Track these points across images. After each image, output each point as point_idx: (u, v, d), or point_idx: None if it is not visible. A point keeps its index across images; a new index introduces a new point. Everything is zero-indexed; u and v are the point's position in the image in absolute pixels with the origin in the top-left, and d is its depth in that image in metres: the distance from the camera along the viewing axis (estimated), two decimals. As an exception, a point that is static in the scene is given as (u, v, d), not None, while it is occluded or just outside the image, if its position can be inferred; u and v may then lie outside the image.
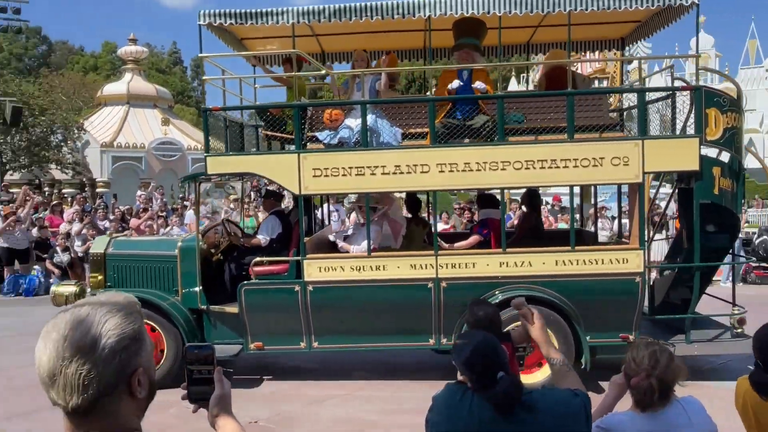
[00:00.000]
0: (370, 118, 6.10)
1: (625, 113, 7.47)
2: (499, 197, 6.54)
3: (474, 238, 6.39)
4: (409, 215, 7.38)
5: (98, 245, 6.82)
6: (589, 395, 1.99)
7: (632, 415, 2.25)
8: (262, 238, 6.40)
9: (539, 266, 5.95)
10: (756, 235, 12.51)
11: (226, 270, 6.49)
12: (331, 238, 6.51)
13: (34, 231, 12.13)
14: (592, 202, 8.31)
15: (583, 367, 5.77)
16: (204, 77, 6.40)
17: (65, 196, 19.02)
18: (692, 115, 6.07)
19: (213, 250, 6.58)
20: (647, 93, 6.39)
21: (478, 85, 6.22)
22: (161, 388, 1.49)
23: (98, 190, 21.09)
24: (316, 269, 6.03)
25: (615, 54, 8.50)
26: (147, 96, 24.08)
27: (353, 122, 6.16)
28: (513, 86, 28.66)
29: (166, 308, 6.04)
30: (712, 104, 5.99)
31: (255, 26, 6.10)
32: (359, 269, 6.03)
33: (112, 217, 12.53)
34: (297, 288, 5.95)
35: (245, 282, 6.05)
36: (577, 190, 6.86)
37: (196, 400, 1.45)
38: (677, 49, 57.14)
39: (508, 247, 6.06)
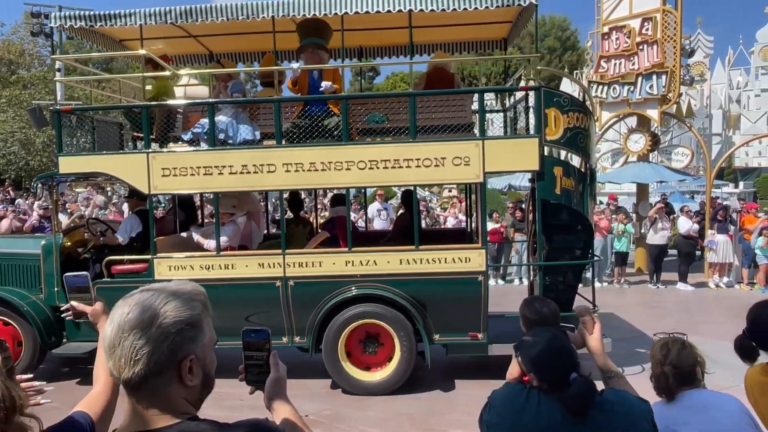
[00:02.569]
0: (226, 118, 6.16)
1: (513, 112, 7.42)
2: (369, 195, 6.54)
3: (320, 235, 6.42)
4: (291, 215, 7.29)
5: None
6: None
7: (659, 404, 2.29)
8: (120, 238, 6.47)
9: (384, 265, 5.99)
10: None
11: (90, 268, 6.60)
12: (195, 236, 6.49)
13: None
14: (650, 201, 8.19)
15: (426, 364, 5.98)
16: (56, 78, 6.56)
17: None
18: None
19: (80, 249, 6.70)
20: (492, 93, 6.66)
21: (325, 84, 6.17)
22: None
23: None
24: (166, 268, 6.13)
25: (504, 53, 8.24)
26: (201, 96, 25.16)
27: (218, 118, 6.18)
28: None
29: (18, 305, 6.25)
30: (552, 104, 6.00)
31: (125, 27, 6.22)
32: (208, 268, 6.11)
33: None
34: None
35: (97, 280, 6.13)
36: (517, 186, 7.04)
37: (253, 382, 1.49)
38: (741, 41, 52.85)
39: (384, 245, 6.18)
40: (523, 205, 12.45)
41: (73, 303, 2.04)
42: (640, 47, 12.46)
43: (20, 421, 1.27)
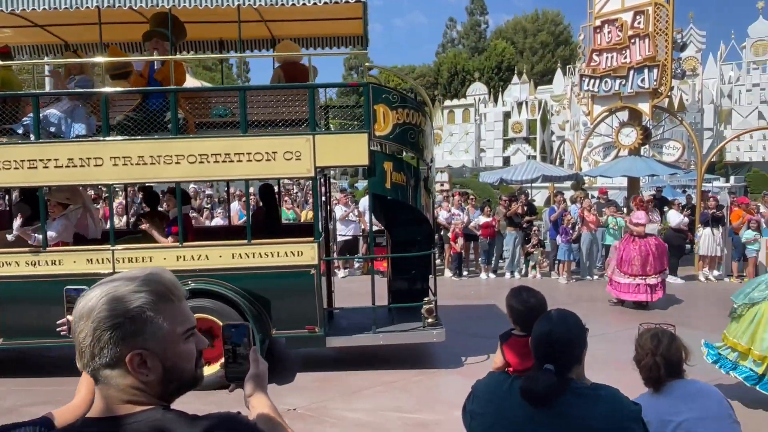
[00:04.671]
0: (59, 112, 6.09)
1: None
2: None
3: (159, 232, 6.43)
4: (147, 209, 7.32)
5: None
6: None
7: (649, 395, 2.32)
8: None
9: (216, 260, 6.06)
10: None
11: None
12: (15, 230, 6.37)
13: None
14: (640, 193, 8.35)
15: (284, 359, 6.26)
16: None
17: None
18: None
19: None
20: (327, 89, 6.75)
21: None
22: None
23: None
24: None
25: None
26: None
27: (50, 111, 6.11)
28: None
29: None
30: (381, 100, 6.12)
31: None
32: (34, 264, 6.07)
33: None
34: None
35: None
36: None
37: (232, 379, 1.46)
38: (733, 36, 53.09)
39: (236, 239, 6.22)
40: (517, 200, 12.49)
41: (69, 317, 1.90)
42: (632, 41, 12.46)
43: None
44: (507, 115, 54.73)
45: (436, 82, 68.97)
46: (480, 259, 12.50)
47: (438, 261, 13.01)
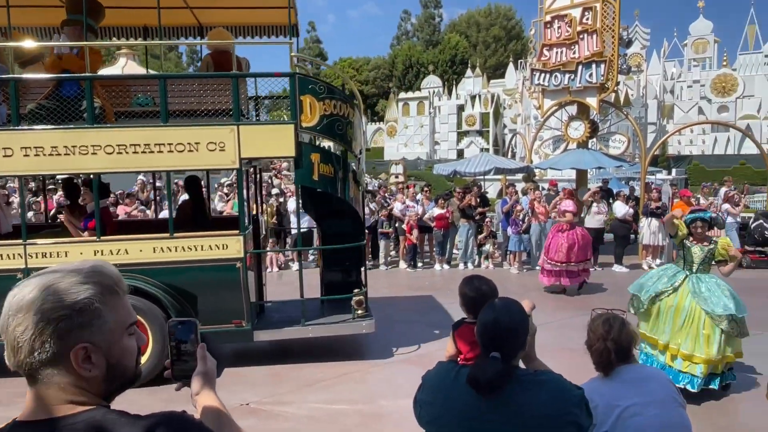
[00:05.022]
0: None
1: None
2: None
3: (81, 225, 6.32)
4: (68, 202, 7.16)
5: None
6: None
7: (599, 379, 2.36)
8: None
9: (136, 254, 5.90)
10: (752, 220, 12.60)
11: None
12: None
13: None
14: (589, 187, 8.48)
15: None
16: None
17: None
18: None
19: None
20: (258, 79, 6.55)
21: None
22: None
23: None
24: None
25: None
26: (141, 81, 24.04)
27: None
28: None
29: None
30: (307, 91, 6.04)
31: None
32: None
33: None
34: None
35: None
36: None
37: (179, 377, 1.39)
38: (675, 34, 55.04)
39: (165, 232, 6.03)
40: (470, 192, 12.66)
41: None
42: (581, 36, 12.78)
43: None
44: (461, 108, 55.23)
45: (391, 75, 68.98)
46: (434, 250, 12.62)
47: (393, 253, 13.08)
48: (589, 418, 1.84)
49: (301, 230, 12.35)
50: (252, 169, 7.89)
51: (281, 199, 13.28)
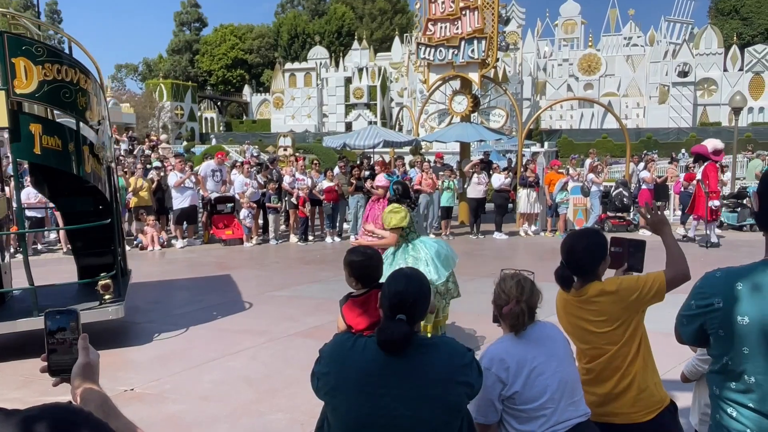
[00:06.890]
0: None
1: None
2: None
3: None
4: None
5: None
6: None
7: (510, 339, 2.39)
8: None
9: None
10: (613, 189, 13.48)
11: None
12: None
13: None
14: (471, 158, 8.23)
15: None
16: None
17: None
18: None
19: None
20: None
21: None
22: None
23: None
24: None
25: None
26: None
27: None
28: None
29: None
30: (21, 53, 5.31)
31: None
32: None
33: None
34: None
35: None
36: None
37: (56, 371, 1.31)
38: (548, 14, 58.40)
39: None
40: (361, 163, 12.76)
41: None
42: (463, 12, 13.18)
43: None
44: (348, 81, 55.03)
45: (276, 44, 66.96)
46: (325, 223, 12.63)
47: (283, 227, 12.92)
48: (480, 378, 1.97)
49: (182, 206, 11.84)
50: None
51: (162, 173, 12.55)
